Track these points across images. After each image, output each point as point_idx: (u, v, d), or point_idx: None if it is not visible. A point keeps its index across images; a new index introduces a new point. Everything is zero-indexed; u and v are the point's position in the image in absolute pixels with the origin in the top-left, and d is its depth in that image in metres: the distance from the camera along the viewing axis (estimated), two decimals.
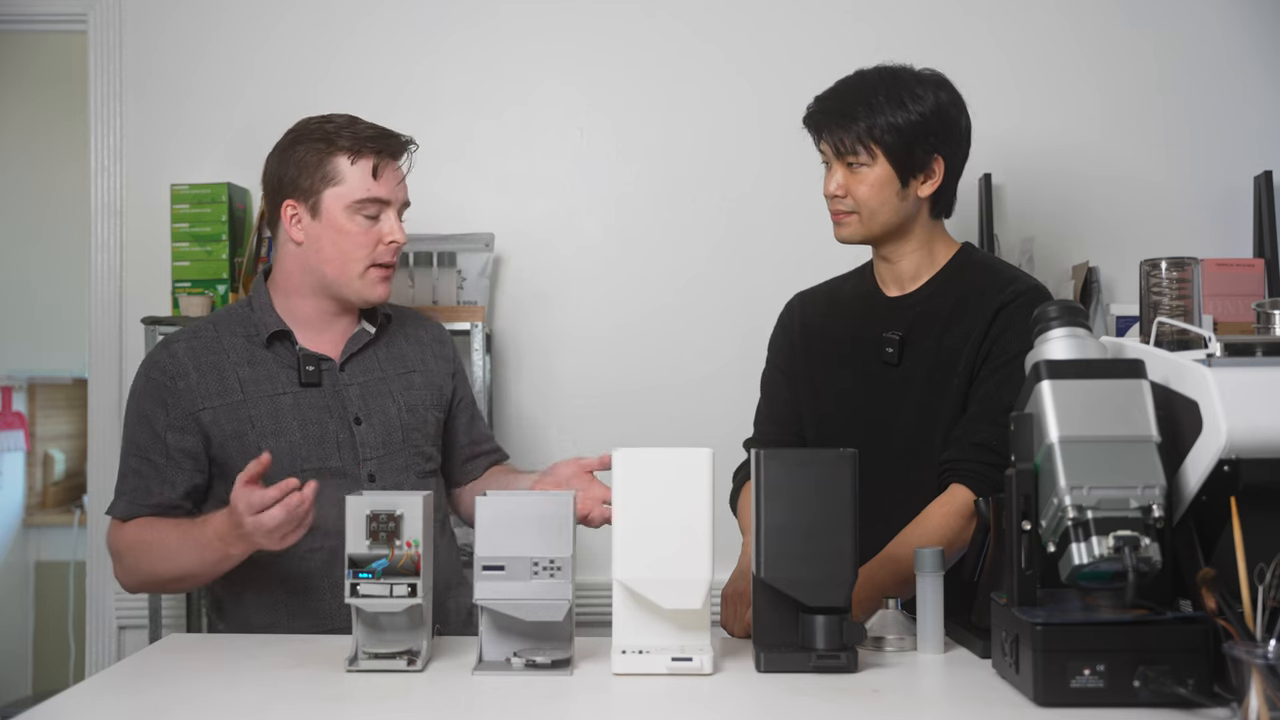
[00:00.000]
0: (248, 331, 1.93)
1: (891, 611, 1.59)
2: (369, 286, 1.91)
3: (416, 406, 1.98)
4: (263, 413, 1.87)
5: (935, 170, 1.87)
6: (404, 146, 1.94)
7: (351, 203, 1.88)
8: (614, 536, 1.43)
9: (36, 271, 4.34)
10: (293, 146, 1.91)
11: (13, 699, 4.02)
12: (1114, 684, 1.25)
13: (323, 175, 1.87)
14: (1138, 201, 2.85)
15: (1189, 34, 2.87)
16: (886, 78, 1.87)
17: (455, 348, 2.13)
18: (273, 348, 1.91)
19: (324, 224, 1.88)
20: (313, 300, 1.93)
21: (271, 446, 1.84)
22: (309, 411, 1.89)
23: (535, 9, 2.91)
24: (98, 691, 1.43)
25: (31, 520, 4.32)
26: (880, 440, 1.85)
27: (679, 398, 2.86)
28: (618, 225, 2.91)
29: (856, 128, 1.83)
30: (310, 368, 1.90)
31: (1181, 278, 1.51)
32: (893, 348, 1.88)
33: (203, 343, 1.91)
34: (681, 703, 1.34)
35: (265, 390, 1.88)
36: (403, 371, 2.00)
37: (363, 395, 1.93)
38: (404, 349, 2.03)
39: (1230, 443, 1.26)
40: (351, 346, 1.95)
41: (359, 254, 1.89)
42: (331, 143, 1.88)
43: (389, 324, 2.02)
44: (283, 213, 1.91)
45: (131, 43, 2.91)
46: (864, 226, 1.89)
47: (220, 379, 1.88)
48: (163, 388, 1.87)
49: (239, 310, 1.98)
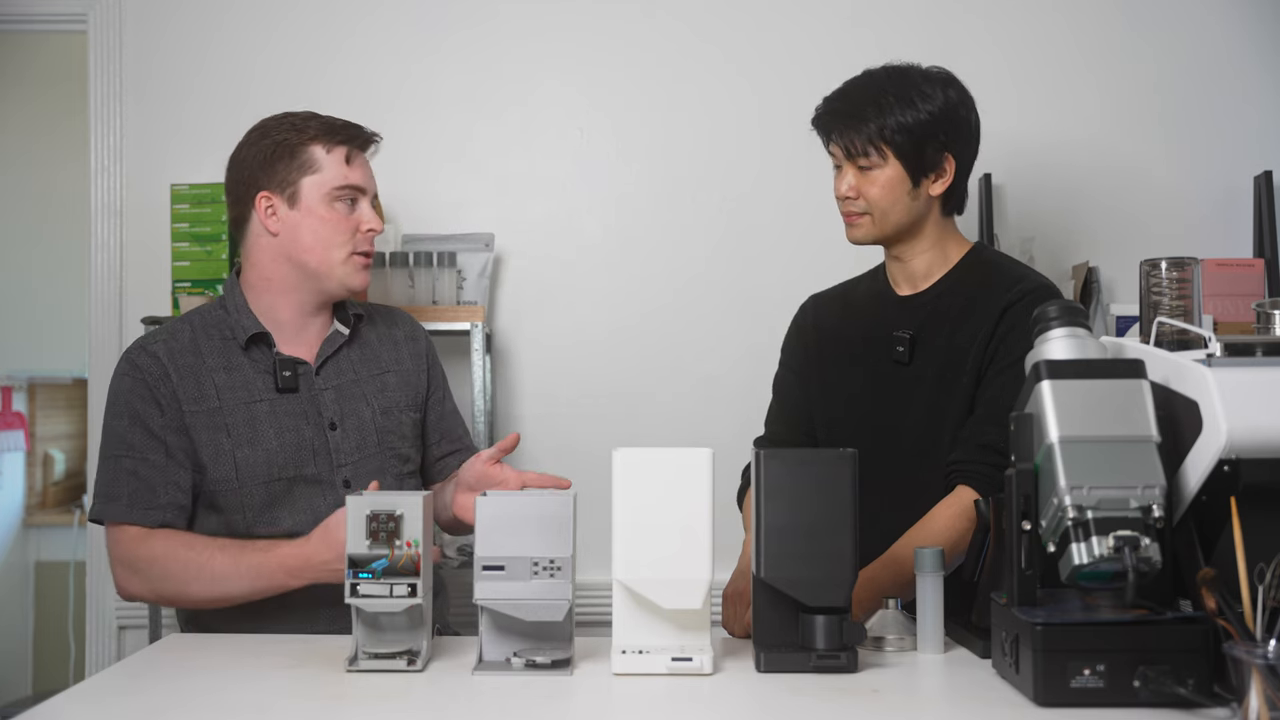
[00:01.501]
0: (224, 334, 1.90)
1: (891, 611, 1.59)
2: (351, 274, 1.90)
3: (391, 409, 1.96)
4: (239, 421, 1.85)
5: (946, 169, 1.87)
6: (371, 138, 1.94)
7: (330, 190, 1.87)
8: (614, 536, 1.43)
9: (36, 271, 4.34)
10: (260, 140, 1.90)
11: (13, 699, 4.02)
12: (1114, 684, 1.25)
13: (299, 164, 1.87)
14: (1138, 201, 2.85)
15: (1189, 34, 2.87)
16: (895, 77, 1.86)
17: (430, 341, 2.10)
18: (249, 351, 1.89)
19: (303, 212, 1.87)
20: (290, 296, 1.91)
21: (248, 455, 1.83)
22: (285, 419, 1.87)
23: (535, 9, 2.91)
24: (98, 691, 1.43)
25: (31, 520, 4.32)
26: (890, 439, 1.85)
27: (679, 398, 2.86)
28: (618, 225, 2.91)
29: (867, 129, 1.83)
30: (287, 373, 1.88)
31: (1181, 278, 1.51)
32: (903, 346, 1.88)
33: (180, 345, 1.88)
34: (681, 703, 1.34)
35: (241, 398, 1.86)
36: (377, 373, 1.98)
37: (338, 399, 1.91)
38: (377, 349, 2.01)
39: (1230, 443, 1.26)
40: (326, 349, 1.93)
41: (339, 240, 1.88)
42: (302, 132, 1.88)
43: (360, 324, 2.00)
44: (257, 205, 1.89)
45: (131, 43, 2.91)
46: (876, 227, 1.88)
47: (197, 384, 1.85)
48: (150, 389, 1.84)
49: (213, 311, 1.94)
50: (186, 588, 1.77)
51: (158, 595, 1.82)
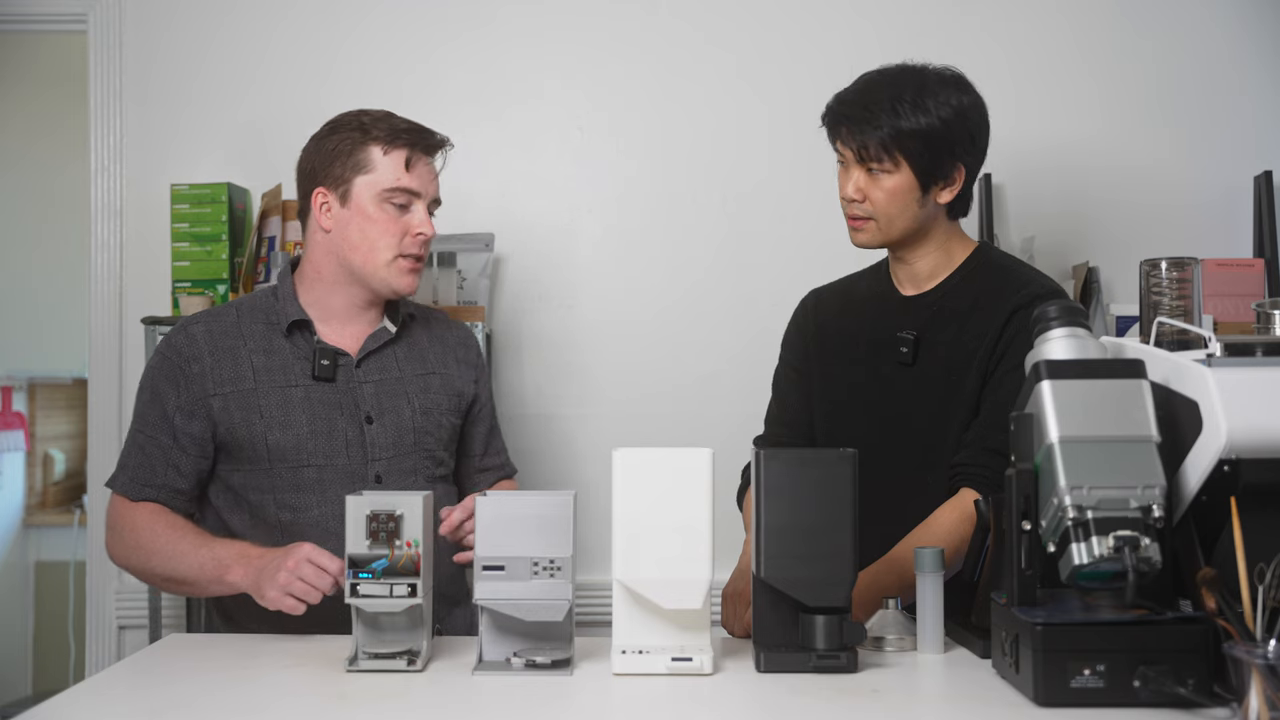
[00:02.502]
0: (269, 319, 1.93)
1: (891, 612, 1.59)
2: (396, 276, 1.91)
3: (431, 410, 1.96)
4: (272, 403, 1.87)
5: (956, 178, 1.84)
6: (439, 144, 1.96)
7: (380, 191, 1.88)
8: (614, 536, 1.43)
9: (36, 271, 4.34)
10: (328, 136, 1.92)
11: (13, 699, 4.02)
12: (1114, 684, 1.25)
13: (354, 163, 1.89)
14: (1138, 201, 2.85)
15: (1189, 34, 2.87)
16: (910, 77, 1.82)
17: (482, 354, 2.11)
18: (291, 338, 1.91)
19: (352, 211, 1.89)
20: (341, 289, 1.93)
21: (279, 439, 1.85)
22: (319, 407, 1.88)
23: (536, 9, 2.91)
24: (98, 691, 1.43)
25: (31, 520, 4.32)
26: (893, 439, 1.84)
27: (680, 397, 2.86)
28: (618, 225, 2.91)
29: (879, 133, 1.78)
30: (325, 362, 1.89)
31: (1181, 278, 1.51)
32: (908, 347, 1.86)
33: (222, 327, 1.91)
34: (681, 703, 1.34)
35: (278, 381, 1.88)
36: (421, 373, 1.98)
37: (377, 394, 1.92)
38: (425, 350, 2.01)
39: (1230, 443, 1.26)
40: (371, 344, 1.94)
41: (385, 242, 1.89)
42: (366, 132, 1.90)
43: (412, 323, 2.01)
44: (314, 200, 1.91)
45: (131, 43, 2.91)
46: (881, 233, 1.85)
47: (234, 365, 1.88)
48: (177, 369, 1.87)
49: (263, 298, 1.97)
50: (149, 560, 1.82)
51: (127, 564, 1.87)
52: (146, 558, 1.82)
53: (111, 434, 2.88)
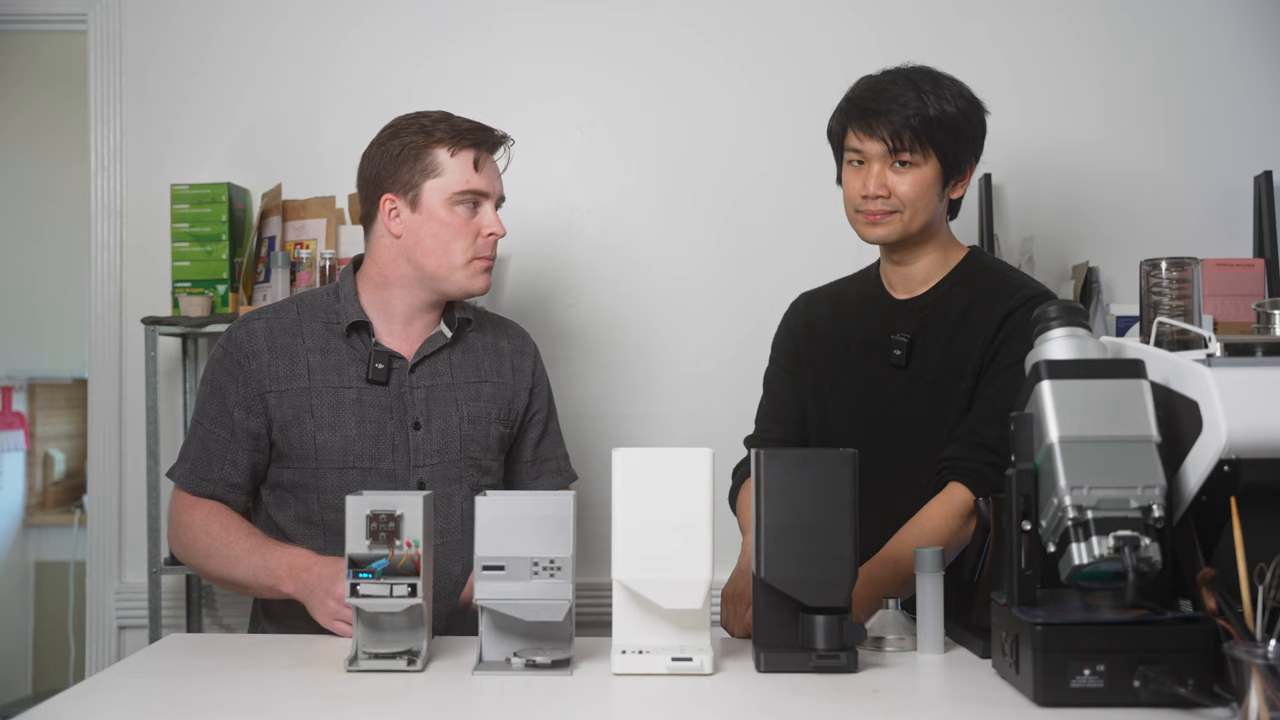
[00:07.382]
0: (328, 319, 1.93)
1: (891, 611, 1.59)
2: (471, 278, 1.91)
3: (480, 418, 1.96)
4: (324, 403, 1.87)
5: (968, 174, 1.90)
6: (501, 140, 1.95)
7: (451, 194, 1.88)
8: (614, 536, 1.43)
9: (36, 271, 4.35)
10: (390, 141, 1.91)
11: (13, 699, 4.02)
12: (1114, 684, 1.25)
13: (422, 168, 1.88)
14: (1138, 201, 2.85)
15: (1189, 34, 2.87)
16: (923, 74, 1.86)
17: (539, 361, 2.09)
18: (350, 339, 1.91)
19: (424, 216, 1.88)
20: (406, 292, 1.92)
21: (327, 439, 1.86)
22: (369, 410, 1.89)
23: (536, 9, 2.91)
24: (98, 691, 1.43)
25: (31, 520, 4.33)
26: (886, 442, 1.85)
27: (679, 397, 2.86)
28: (618, 225, 2.91)
29: (912, 121, 1.80)
30: (380, 365, 1.89)
31: (1181, 278, 1.51)
32: (900, 350, 1.87)
33: (282, 324, 1.92)
34: (681, 703, 1.34)
35: (332, 381, 1.88)
36: (473, 381, 1.97)
37: (427, 400, 1.92)
38: (479, 358, 2.00)
39: (1230, 443, 1.26)
40: (426, 349, 1.94)
41: (460, 245, 1.89)
42: (429, 135, 1.88)
43: (468, 329, 2.00)
44: (381, 207, 1.90)
45: (131, 43, 2.91)
46: (904, 225, 1.85)
47: (291, 362, 1.88)
48: (237, 364, 1.88)
49: (324, 296, 1.97)
50: (205, 561, 1.85)
51: (186, 560, 1.90)
52: (203, 559, 1.84)
53: (111, 434, 2.88)
